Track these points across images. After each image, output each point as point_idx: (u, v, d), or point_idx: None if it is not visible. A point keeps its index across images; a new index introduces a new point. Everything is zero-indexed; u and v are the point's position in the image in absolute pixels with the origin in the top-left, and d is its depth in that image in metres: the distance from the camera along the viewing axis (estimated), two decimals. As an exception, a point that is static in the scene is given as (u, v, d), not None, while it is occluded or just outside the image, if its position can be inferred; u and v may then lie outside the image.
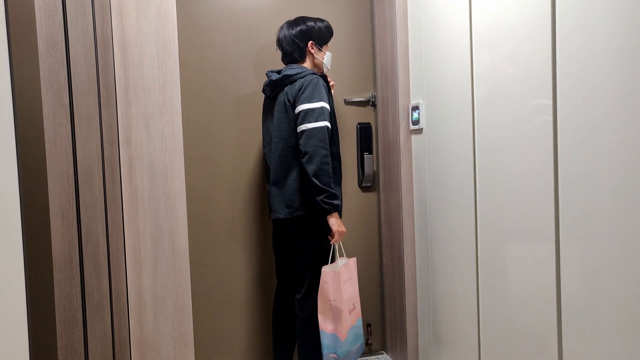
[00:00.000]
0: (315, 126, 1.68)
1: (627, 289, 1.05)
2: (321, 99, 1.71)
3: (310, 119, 1.69)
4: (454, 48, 1.69)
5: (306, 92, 1.71)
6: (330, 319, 1.75)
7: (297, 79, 1.78)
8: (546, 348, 1.30)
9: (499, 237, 1.49)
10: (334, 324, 1.75)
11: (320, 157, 1.67)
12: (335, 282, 1.76)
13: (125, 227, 1.91)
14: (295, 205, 1.78)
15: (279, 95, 1.84)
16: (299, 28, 1.85)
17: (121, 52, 1.87)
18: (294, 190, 1.78)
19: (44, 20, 1.56)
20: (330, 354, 1.75)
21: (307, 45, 1.86)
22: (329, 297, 1.75)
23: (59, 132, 1.62)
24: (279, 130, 1.80)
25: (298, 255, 1.89)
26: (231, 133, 2.21)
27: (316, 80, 1.75)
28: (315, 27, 1.86)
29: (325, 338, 1.75)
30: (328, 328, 1.75)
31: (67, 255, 1.64)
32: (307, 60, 1.90)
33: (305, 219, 1.81)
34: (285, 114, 1.78)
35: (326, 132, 1.70)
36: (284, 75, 1.81)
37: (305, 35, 1.85)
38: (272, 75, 1.86)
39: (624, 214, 1.05)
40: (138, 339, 1.94)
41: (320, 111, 1.70)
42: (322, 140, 1.68)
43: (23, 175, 0.93)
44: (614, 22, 1.06)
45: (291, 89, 1.78)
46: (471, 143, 1.62)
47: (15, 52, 0.86)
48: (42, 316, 1.62)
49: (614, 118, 1.06)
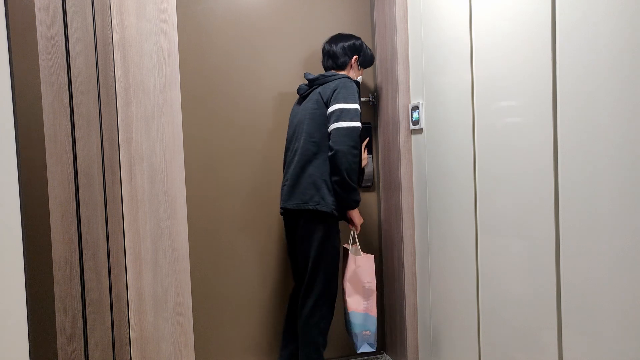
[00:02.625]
0: (350, 125, 1.74)
1: (626, 289, 1.05)
2: (355, 101, 1.79)
3: (345, 118, 1.75)
4: (454, 48, 1.70)
5: (342, 93, 1.78)
6: (362, 299, 1.86)
7: (333, 80, 1.86)
8: (546, 348, 1.30)
9: (498, 237, 1.49)
10: (366, 302, 1.85)
11: (352, 156, 1.74)
12: (369, 266, 1.88)
13: (125, 227, 1.91)
14: (305, 199, 1.82)
15: (312, 93, 1.91)
16: (352, 42, 1.98)
17: (121, 52, 1.87)
18: (308, 184, 1.82)
19: (44, 20, 1.56)
20: (363, 332, 1.84)
21: (352, 59, 1.98)
22: (363, 280, 1.85)
23: (59, 132, 1.62)
24: (307, 125, 1.85)
25: (306, 258, 1.88)
26: (232, 133, 2.21)
27: (350, 83, 1.83)
28: (364, 48, 2.00)
29: (358, 318, 1.84)
30: (360, 308, 1.85)
31: (67, 255, 1.64)
32: (345, 71, 1.99)
33: (313, 214, 1.82)
34: (316, 110, 1.84)
35: (358, 133, 1.77)
36: (321, 75, 1.91)
37: (356, 49, 1.98)
38: (309, 75, 1.96)
39: (624, 214, 1.05)
40: (138, 339, 1.94)
41: (354, 112, 1.77)
42: (355, 140, 1.75)
43: (23, 175, 0.93)
44: (614, 22, 1.05)
45: (325, 88, 1.85)
46: (471, 143, 1.62)
47: (15, 52, 0.86)
48: (42, 316, 1.61)
49: (614, 118, 1.06)
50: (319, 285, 1.84)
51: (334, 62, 1.98)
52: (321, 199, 1.80)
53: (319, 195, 1.80)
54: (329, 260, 1.85)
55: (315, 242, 1.84)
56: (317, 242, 1.84)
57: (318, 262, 1.84)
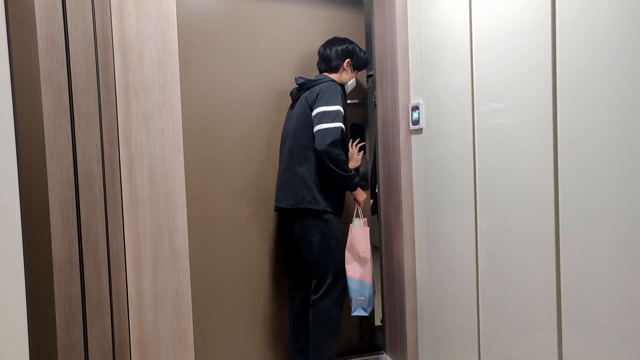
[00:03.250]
0: (331, 126, 1.83)
1: (627, 288, 1.05)
2: (337, 103, 1.86)
3: (327, 120, 1.83)
4: (454, 48, 1.70)
5: (325, 97, 1.87)
6: (358, 267, 1.99)
7: (318, 84, 1.95)
8: (546, 348, 1.30)
9: (498, 237, 1.50)
10: (362, 270, 1.99)
11: (335, 152, 1.83)
12: (364, 237, 2.01)
13: (125, 227, 1.91)
14: (298, 198, 1.90)
15: (300, 98, 2.00)
16: (345, 46, 2.06)
17: (121, 52, 1.87)
18: (299, 184, 1.90)
19: (44, 20, 1.56)
20: (358, 297, 1.97)
21: (344, 62, 2.05)
22: (359, 250, 1.99)
23: (59, 132, 1.62)
24: (295, 128, 1.96)
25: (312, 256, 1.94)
26: (233, 133, 2.21)
27: (334, 86, 1.91)
28: (357, 52, 2.08)
29: (354, 284, 1.98)
30: (356, 275, 1.98)
31: (67, 255, 1.64)
32: (338, 74, 2.07)
33: (307, 212, 1.90)
34: (303, 114, 1.94)
35: (339, 133, 1.84)
36: (308, 80, 2.01)
37: (349, 53, 2.06)
38: (299, 79, 2.04)
39: (624, 214, 1.05)
40: (138, 339, 1.94)
41: (336, 113, 1.84)
42: (336, 140, 1.83)
43: (23, 175, 0.93)
44: (614, 21, 1.06)
45: (311, 93, 1.94)
46: (471, 142, 1.62)
47: (15, 52, 0.86)
48: (42, 316, 1.62)
49: (614, 117, 1.06)
50: (330, 279, 1.92)
51: (327, 65, 2.06)
52: (312, 198, 1.88)
53: (311, 195, 1.89)
54: (334, 254, 1.92)
55: (316, 240, 1.90)
56: (318, 239, 1.89)
57: (325, 257, 1.91)
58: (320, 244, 1.90)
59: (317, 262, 1.91)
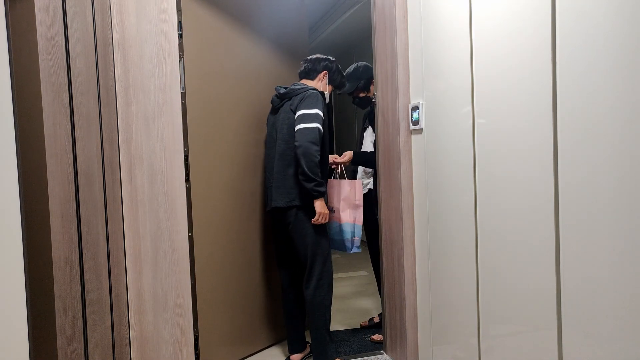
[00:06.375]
0: (310, 126, 1.98)
1: (627, 289, 1.05)
2: (317, 107, 2.03)
3: (307, 120, 1.99)
4: (454, 48, 1.70)
5: (306, 101, 2.04)
6: (352, 212, 2.29)
7: (301, 92, 2.11)
8: (546, 348, 1.30)
9: (498, 237, 1.50)
10: (355, 214, 2.28)
11: (312, 150, 1.96)
12: (359, 187, 2.28)
13: (125, 227, 1.91)
14: (292, 196, 2.05)
15: (284, 105, 2.15)
16: (327, 62, 2.26)
17: (121, 52, 1.87)
18: (292, 184, 2.06)
19: (44, 20, 1.56)
20: (353, 238, 2.26)
21: (321, 72, 2.24)
22: (355, 198, 2.28)
23: (59, 132, 1.62)
24: (282, 133, 2.10)
25: (304, 248, 2.09)
26: (234, 133, 2.21)
27: (316, 94, 2.08)
28: (335, 70, 2.27)
29: (349, 227, 2.26)
30: (351, 219, 2.27)
31: (67, 255, 1.64)
32: (314, 82, 2.25)
33: (300, 208, 2.06)
34: (288, 120, 2.09)
35: (317, 132, 1.98)
36: (291, 89, 2.15)
37: (327, 67, 2.27)
38: (280, 89, 2.18)
39: (624, 214, 1.05)
40: (138, 339, 1.94)
41: (315, 115, 2.00)
42: (314, 137, 1.97)
43: (23, 175, 0.93)
44: (614, 22, 1.06)
45: (294, 100, 2.10)
46: (471, 143, 1.62)
47: (15, 52, 0.86)
48: (42, 316, 1.62)
49: (614, 118, 1.06)
50: (319, 267, 2.08)
51: (306, 72, 2.25)
52: (304, 195, 2.04)
53: (302, 192, 2.05)
54: (324, 245, 2.10)
55: (309, 233, 2.07)
56: (310, 232, 2.07)
57: (315, 248, 2.08)
58: (313, 237, 2.07)
59: (307, 252, 2.08)
